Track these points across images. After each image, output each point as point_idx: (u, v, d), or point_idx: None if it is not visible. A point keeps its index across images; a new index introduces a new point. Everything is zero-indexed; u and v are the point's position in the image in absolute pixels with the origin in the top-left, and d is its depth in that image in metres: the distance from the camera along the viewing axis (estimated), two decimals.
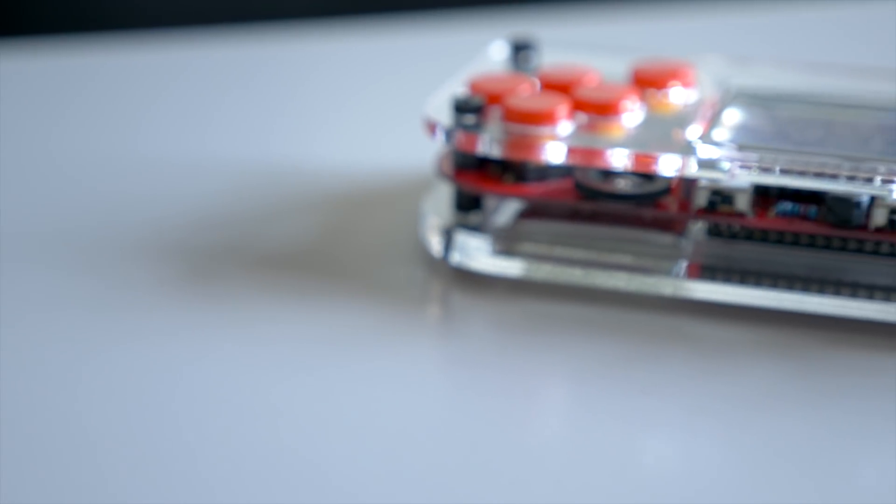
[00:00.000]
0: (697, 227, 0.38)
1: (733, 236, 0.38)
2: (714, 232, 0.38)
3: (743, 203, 0.36)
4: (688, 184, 0.37)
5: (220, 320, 0.37)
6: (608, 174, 0.38)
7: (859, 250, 0.37)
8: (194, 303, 0.38)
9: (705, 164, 0.36)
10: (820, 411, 0.34)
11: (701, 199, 0.37)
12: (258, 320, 0.37)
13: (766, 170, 0.36)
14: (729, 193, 0.36)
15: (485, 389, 0.35)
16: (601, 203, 0.37)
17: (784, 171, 0.36)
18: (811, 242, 0.37)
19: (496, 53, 0.43)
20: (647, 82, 0.41)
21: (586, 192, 0.37)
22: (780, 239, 0.37)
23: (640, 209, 0.37)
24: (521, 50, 0.43)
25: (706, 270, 0.37)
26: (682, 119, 0.39)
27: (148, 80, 0.53)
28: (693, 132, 0.38)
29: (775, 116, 0.39)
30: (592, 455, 0.33)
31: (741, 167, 0.36)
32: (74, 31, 0.60)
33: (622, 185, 0.37)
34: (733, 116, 0.39)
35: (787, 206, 0.36)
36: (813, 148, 0.37)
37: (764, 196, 0.37)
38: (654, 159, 0.37)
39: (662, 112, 0.40)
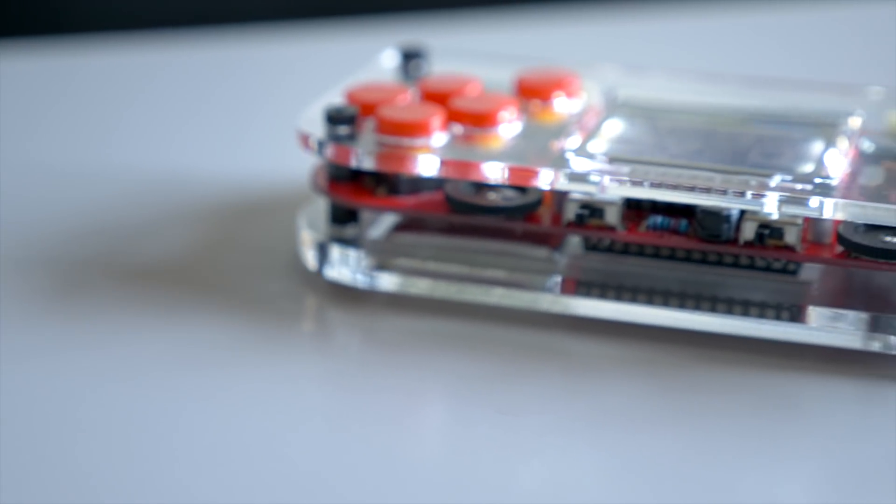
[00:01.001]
0: (574, 241, 0.37)
1: (610, 250, 0.37)
2: (590, 246, 0.37)
3: (613, 217, 0.36)
4: (560, 197, 0.36)
5: (86, 334, 0.36)
6: (480, 186, 0.37)
7: (735, 265, 0.36)
8: (61, 316, 0.37)
9: (576, 177, 0.36)
10: (688, 429, 0.33)
11: (570, 213, 0.36)
12: (125, 334, 0.36)
13: (637, 183, 0.35)
14: (599, 207, 0.36)
15: (355, 408, 0.34)
16: (472, 216, 0.37)
17: (654, 185, 0.35)
18: (687, 257, 0.36)
19: (386, 62, 0.43)
20: (531, 92, 0.40)
21: (456, 205, 0.36)
22: (656, 253, 0.36)
23: (511, 222, 0.36)
24: (411, 58, 0.42)
25: (581, 285, 0.36)
26: (563, 130, 0.38)
27: (26, 89, 0.52)
28: (570, 144, 0.37)
29: (657, 127, 0.39)
30: (464, 474, 0.32)
31: (612, 180, 0.35)
32: None
33: (493, 198, 0.37)
34: (614, 127, 0.39)
35: (657, 219, 0.36)
36: (689, 160, 0.37)
37: (637, 209, 0.36)
38: (526, 172, 0.36)
39: (544, 123, 0.39)
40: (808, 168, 0.36)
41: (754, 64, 0.53)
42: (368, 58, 0.43)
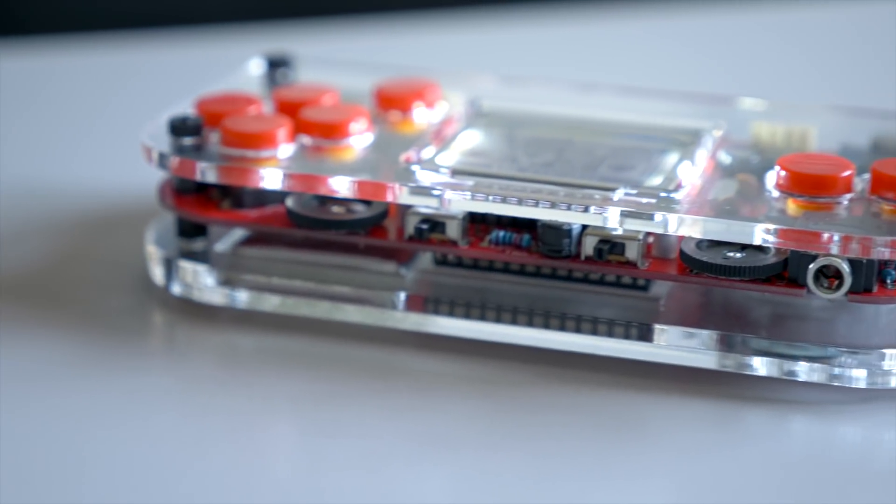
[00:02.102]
0: (426, 255, 0.36)
1: (460, 265, 0.36)
2: (440, 260, 0.36)
3: (454, 231, 0.35)
4: (403, 210, 0.35)
5: None
6: (324, 199, 0.36)
7: (586, 280, 0.35)
8: None
9: (417, 191, 0.35)
10: (525, 450, 0.32)
11: (410, 227, 0.35)
12: None
13: (479, 197, 0.34)
14: (440, 221, 0.35)
15: (195, 427, 0.33)
16: (313, 230, 0.36)
17: (496, 199, 0.34)
18: (537, 272, 0.35)
19: (253, 70, 0.42)
20: (389, 102, 0.39)
21: (296, 219, 0.36)
22: (506, 268, 0.35)
23: (353, 237, 0.35)
24: (277, 67, 0.42)
25: (427, 302, 0.35)
26: (417, 141, 0.37)
27: None
28: (419, 156, 0.36)
29: (513, 139, 0.38)
30: (297, 497, 0.31)
31: (454, 194, 0.34)
32: None
33: (337, 211, 0.36)
34: (469, 139, 0.38)
35: (499, 234, 0.35)
36: (538, 173, 0.36)
37: (484, 223, 0.35)
38: (367, 185, 0.35)
39: (399, 134, 0.38)
40: (656, 181, 0.35)
41: (637, 72, 0.52)
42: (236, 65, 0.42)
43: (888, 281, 0.33)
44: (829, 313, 0.35)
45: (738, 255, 0.33)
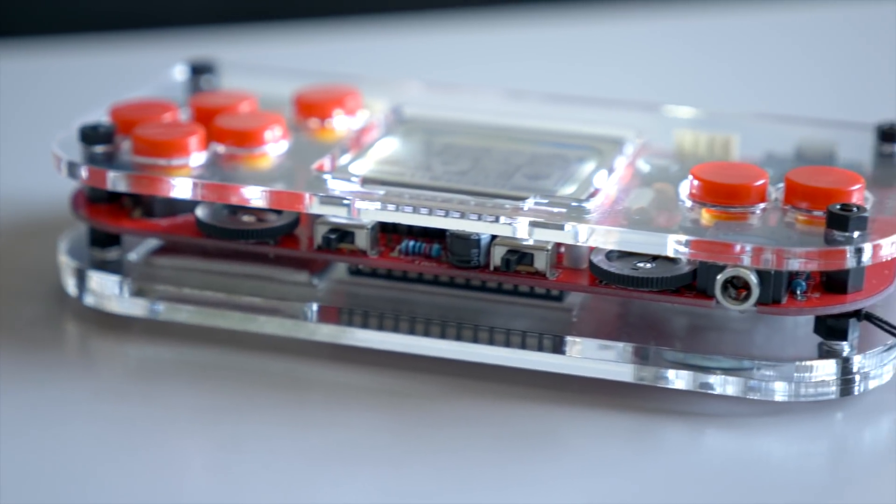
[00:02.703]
0: (340, 265, 0.36)
1: (374, 275, 0.35)
2: (354, 270, 0.36)
3: (363, 241, 0.34)
4: (313, 220, 0.35)
5: None
6: (234, 208, 0.35)
7: (501, 291, 0.35)
8: None
9: (327, 200, 0.34)
10: (425, 464, 0.32)
11: (320, 236, 0.34)
12: None
13: (388, 206, 0.34)
14: (349, 230, 0.34)
15: (101, 438, 0.33)
16: (222, 240, 0.35)
17: (407, 208, 0.34)
18: (452, 282, 0.35)
19: (178, 76, 0.41)
20: (309, 110, 0.39)
21: (205, 228, 0.35)
22: (420, 278, 0.35)
23: (263, 246, 0.35)
24: (201, 73, 0.41)
25: (339, 313, 0.35)
26: (333, 149, 0.37)
27: None
28: (333, 164, 0.36)
29: (431, 146, 0.37)
30: None
31: (363, 203, 0.34)
32: None
33: (248, 221, 0.35)
34: (387, 147, 0.37)
35: (409, 244, 0.34)
36: (452, 181, 0.35)
37: (395, 233, 0.35)
38: (277, 194, 0.34)
39: (315, 142, 0.38)
40: (569, 190, 0.35)
41: (567, 79, 0.52)
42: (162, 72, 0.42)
43: (798, 292, 0.32)
44: (747, 324, 0.34)
45: (649, 265, 0.33)
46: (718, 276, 0.32)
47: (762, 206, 0.34)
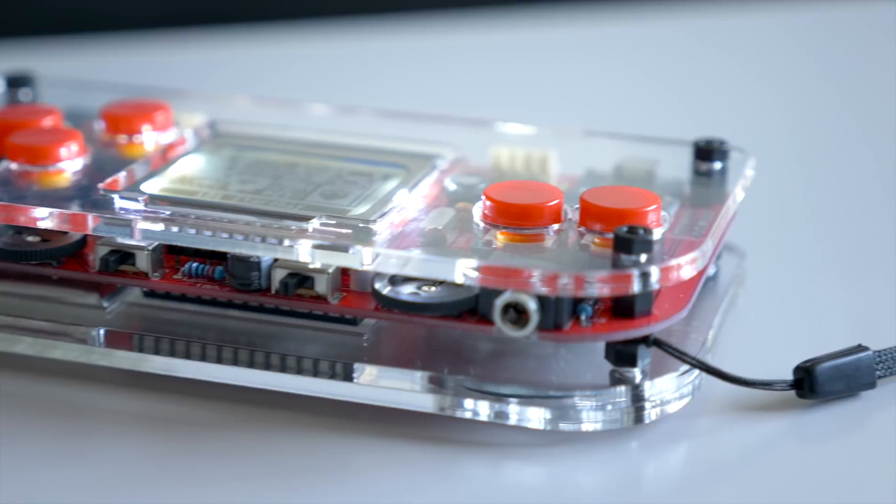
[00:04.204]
0: (135, 287, 0.34)
1: (169, 297, 0.34)
2: (148, 292, 0.34)
3: (143, 262, 0.33)
4: (97, 241, 0.33)
5: None
6: (19, 227, 0.34)
7: (295, 314, 0.33)
8: None
9: (110, 220, 0.33)
10: (185, 498, 0.30)
11: (98, 258, 0.33)
12: None
13: (170, 227, 0.32)
14: (130, 251, 0.33)
15: None
16: (4, 261, 0.34)
17: (190, 230, 0.32)
18: (245, 305, 0.34)
19: None
20: (117, 125, 0.37)
21: None
22: (214, 301, 0.34)
23: (46, 268, 0.34)
24: (18, 86, 0.40)
25: (126, 337, 0.34)
26: (131, 167, 0.35)
27: None
28: (124, 182, 0.35)
29: (236, 163, 0.36)
30: None
31: (146, 223, 0.33)
32: None
33: (31, 241, 0.34)
34: (189, 164, 0.36)
35: (192, 265, 0.33)
36: (244, 200, 0.34)
37: (183, 254, 0.33)
38: (60, 214, 0.33)
39: (117, 158, 0.36)
40: (361, 210, 0.33)
41: (402, 93, 0.51)
42: None
43: (584, 317, 0.31)
44: (550, 348, 0.33)
45: (434, 289, 0.32)
46: (497, 301, 0.31)
47: (556, 227, 0.32)
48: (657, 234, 0.32)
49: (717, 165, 0.36)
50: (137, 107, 0.38)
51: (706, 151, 0.36)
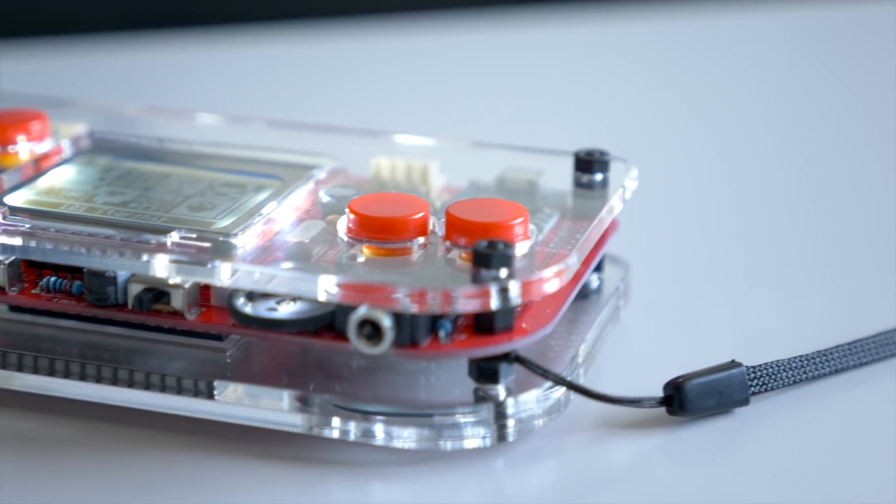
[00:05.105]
0: None
1: (34, 311, 0.33)
2: (14, 307, 0.33)
3: (0, 276, 0.32)
4: None
5: None
6: None
7: (162, 329, 0.33)
8: None
9: None
10: None
11: None
12: None
13: (32, 241, 0.32)
14: None
15: None
16: None
17: (48, 244, 0.32)
18: (111, 320, 0.33)
19: None
20: None
21: None
22: (80, 316, 0.33)
23: None
24: None
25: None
26: (3, 176, 0.35)
27: None
28: None
29: (108, 174, 0.35)
30: None
31: (2, 237, 0.32)
32: None
33: None
34: (59, 175, 0.35)
35: (50, 280, 0.32)
36: (109, 213, 0.33)
37: (45, 268, 0.33)
38: None
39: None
40: (224, 224, 0.33)
41: (296, 103, 0.50)
42: None
43: (443, 333, 0.30)
44: (421, 364, 0.32)
45: (293, 304, 0.31)
46: (352, 318, 0.30)
47: (421, 241, 0.32)
48: (523, 247, 0.31)
49: (598, 177, 0.35)
50: (12, 116, 0.37)
51: (586, 162, 0.35)
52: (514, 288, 0.30)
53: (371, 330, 0.30)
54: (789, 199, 0.46)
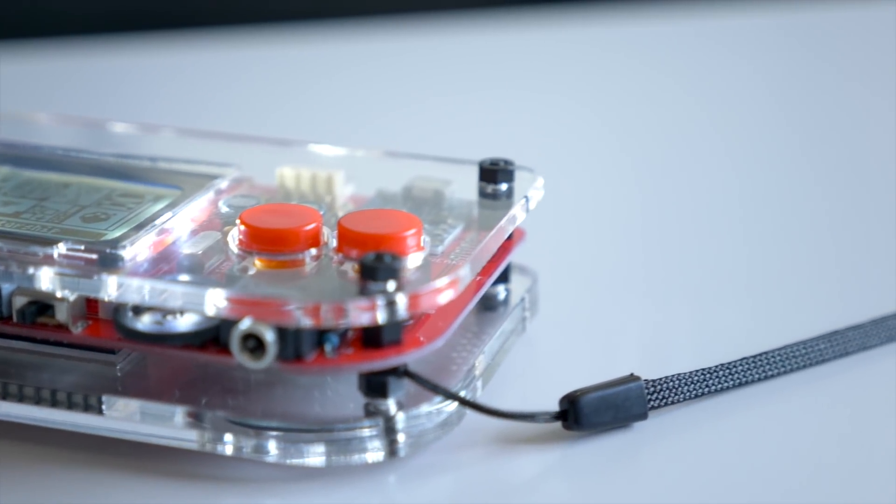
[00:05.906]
0: None
1: None
2: None
3: None
4: None
5: None
6: None
7: (55, 343, 0.32)
8: None
9: None
10: None
11: None
12: None
13: None
14: None
15: None
16: None
17: None
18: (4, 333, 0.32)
19: None
20: None
21: None
22: None
23: None
24: None
25: None
26: None
27: None
28: None
29: (6, 182, 0.35)
30: None
31: None
32: None
33: None
34: None
35: None
36: (2, 224, 0.33)
37: None
38: None
39: None
40: (114, 235, 0.32)
41: (210, 111, 0.50)
42: None
43: (329, 348, 0.30)
44: (317, 378, 0.32)
45: (180, 316, 0.30)
46: (234, 331, 0.29)
47: (313, 252, 0.31)
48: (416, 259, 0.31)
49: (503, 186, 0.35)
50: None
51: (491, 172, 0.35)
52: (402, 301, 0.29)
53: (255, 344, 0.29)
54: (698, 210, 0.45)
